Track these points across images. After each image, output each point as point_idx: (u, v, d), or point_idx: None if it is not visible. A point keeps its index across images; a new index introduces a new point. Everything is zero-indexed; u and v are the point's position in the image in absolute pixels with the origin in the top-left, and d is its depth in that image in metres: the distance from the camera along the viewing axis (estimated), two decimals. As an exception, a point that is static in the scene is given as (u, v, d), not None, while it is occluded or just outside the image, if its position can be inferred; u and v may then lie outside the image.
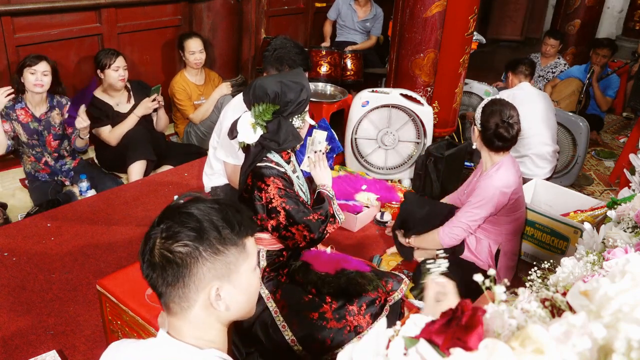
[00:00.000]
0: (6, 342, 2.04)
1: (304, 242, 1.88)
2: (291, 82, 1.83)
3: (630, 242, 1.39)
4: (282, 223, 1.84)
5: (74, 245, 2.65)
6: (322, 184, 2.03)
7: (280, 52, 2.45)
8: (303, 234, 1.85)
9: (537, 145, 3.32)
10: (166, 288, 1.01)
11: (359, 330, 1.85)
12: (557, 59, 5.08)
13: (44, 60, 3.00)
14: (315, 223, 1.86)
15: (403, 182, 3.55)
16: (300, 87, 1.84)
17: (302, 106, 1.87)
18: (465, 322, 0.63)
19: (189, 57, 3.84)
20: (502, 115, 2.26)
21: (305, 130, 1.98)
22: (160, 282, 1.01)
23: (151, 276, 1.02)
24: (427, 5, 3.22)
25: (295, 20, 5.25)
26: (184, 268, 0.98)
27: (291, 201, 1.84)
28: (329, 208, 1.93)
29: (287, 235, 1.87)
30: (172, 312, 1.03)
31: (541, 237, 2.71)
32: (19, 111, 3.06)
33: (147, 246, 1.02)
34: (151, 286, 1.04)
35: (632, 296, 0.61)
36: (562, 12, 6.07)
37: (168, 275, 0.99)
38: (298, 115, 1.89)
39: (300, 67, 2.46)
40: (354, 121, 3.40)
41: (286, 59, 2.43)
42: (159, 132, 3.75)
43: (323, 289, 1.90)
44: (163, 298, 1.03)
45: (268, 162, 1.88)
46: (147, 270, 1.03)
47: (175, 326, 1.04)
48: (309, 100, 1.90)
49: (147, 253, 1.01)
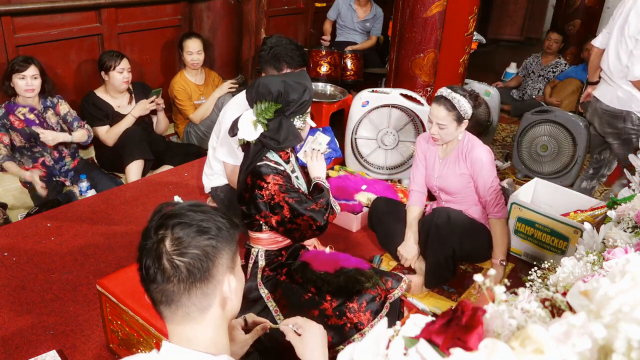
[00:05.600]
0: (6, 342, 2.04)
1: (310, 231, 1.91)
2: (295, 83, 1.84)
3: (630, 242, 1.39)
4: (287, 216, 1.86)
5: (74, 245, 2.65)
6: (317, 176, 2.06)
7: (276, 50, 2.44)
8: (309, 223, 1.88)
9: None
10: (188, 292, 0.98)
11: (359, 327, 1.85)
12: (558, 58, 5.09)
13: (32, 64, 2.97)
14: (319, 211, 1.89)
15: (403, 182, 3.55)
16: (304, 88, 1.85)
17: (304, 107, 1.89)
18: (465, 322, 0.64)
19: (187, 57, 3.84)
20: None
21: (306, 131, 1.99)
22: (180, 288, 0.98)
23: (164, 288, 0.98)
24: (427, 5, 3.22)
25: (295, 20, 5.25)
26: (209, 261, 0.99)
27: (293, 194, 1.86)
28: (329, 197, 1.97)
29: (293, 228, 1.89)
30: (189, 318, 1.00)
31: (541, 237, 2.71)
32: (13, 117, 3.03)
33: (152, 257, 0.98)
34: (162, 302, 0.99)
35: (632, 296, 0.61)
36: (562, 12, 6.08)
37: (194, 274, 0.98)
38: (299, 116, 1.90)
39: (299, 64, 2.46)
40: (354, 121, 3.40)
41: (283, 56, 2.43)
42: (158, 134, 3.76)
43: (323, 287, 1.91)
44: (180, 308, 1.00)
45: (267, 161, 1.89)
46: (160, 283, 0.98)
47: (186, 336, 1.02)
48: (311, 102, 1.92)
49: (155, 263, 0.98)
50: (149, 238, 0.99)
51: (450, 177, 2.54)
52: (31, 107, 3.07)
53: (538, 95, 5.05)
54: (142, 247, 1.00)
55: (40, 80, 3.03)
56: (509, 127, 4.84)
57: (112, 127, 3.43)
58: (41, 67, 3.05)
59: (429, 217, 2.53)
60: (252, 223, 1.95)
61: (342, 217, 2.98)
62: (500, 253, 2.51)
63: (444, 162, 2.55)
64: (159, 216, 1.02)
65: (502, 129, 4.77)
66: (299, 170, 2.09)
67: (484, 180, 2.45)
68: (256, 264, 2.01)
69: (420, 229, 2.56)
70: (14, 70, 2.94)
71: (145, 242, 1.00)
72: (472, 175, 2.49)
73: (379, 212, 2.72)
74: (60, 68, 3.55)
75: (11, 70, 2.95)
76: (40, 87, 3.04)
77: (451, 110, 2.33)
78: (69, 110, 3.27)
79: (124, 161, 3.35)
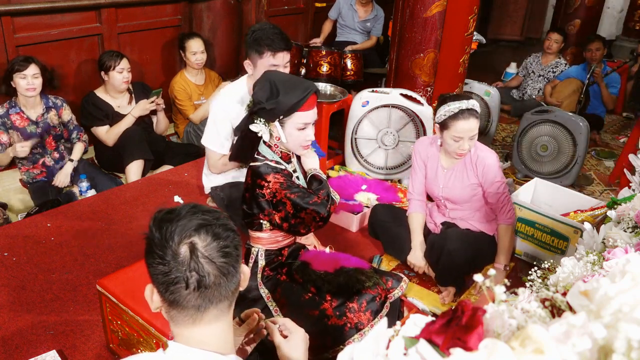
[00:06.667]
0: (6, 342, 2.04)
1: (314, 223, 1.90)
2: (274, 87, 1.79)
3: (630, 242, 1.39)
4: (290, 212, 1.86)
5: (74, 245, 2.65)
6: (312, 167, 2.03)
7: (258, 34, 2.45)
8: (312, 216, 1.88)
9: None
10: (225, 287, 1.01)
11: (359, 327, 1.85)
12: (558, 58, 5.08)
13: (32, 63, 2.97)
14: (321, 203, 1.89)
15: (403, 182, 3.55)
16: (275, 96, 1.78)
17: (266, 114, 1.82)
18: (465, 322, 0.64)
19: (190, 57, 3.84)
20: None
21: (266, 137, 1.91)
22: (224, 288, 1.00)
23: (212, 292, 0.99)
24: (427, 5, 3.22)
25: (295, 20, 5.25)
26: (237, 256, 1.04)
27: (294, 190, 1.86)
28: (328, 188, 1.96)
29: (297, 222, 1.88)
30: (219, 308, 1.02)
31: (541, 237, 2.70)
32: (14, 117, 3.03)
33: (199, 265, 0.97)
34: (198, 307, 0.99)
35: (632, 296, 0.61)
36: (562, 12, 6.07)
37: (231, 272, 1.01)
38: (261, 120, 1.85)
39: (280, 48, 2.44)
40: (354, 121, 3.40)
41: (264, 39, 2.43)
42: (158, 134, 3.76)
43: (323, 287, 1.91)
44: (216, 308, 1.01)
45: (267, 161, 1.88)
46: (210, 287, 0.98)
47: (198, 338, 1.02)
48: (277, 114, 1.81)
49: (198, 267, 0.97)
50: (175, 248, 0.97)
51: (458, 188, 2.49)
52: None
53: (538, 95, 5.05)
54: (175, 258, 0.97)
55: (41, 79, 3.03)
56: (509, 127, 4.85)
57: (112, 127, 3.43)
58: (42, 66, 3.05)
59: (439, 240, 2.46)
60: (252, 222, 1.95)
61: (342, 217, 2.98)
62: (506, 259, 2.49)
63: (449, 172, 2.50)
64: (171, 226, 0.99)
65: (502, 129, 4.77)
66: (301, 171, 2.08)
67: (496, 186, 2.42)
68: (256, 264, 2.01)
69: (430, 250, 2.49)
70: (15, 70, 2.94)
71: (176, 254, 0.97)
72: (481, 184, 2.45)
73: (379, 220, 2.70)
74: (60, 68, 3.54)
75: (12, 70, 2.95)
76: (41, 87, 3.04)
77: (478, 116, 2.31)
78: (71, 117, 3.29)
79: (124, 161, 3.35)
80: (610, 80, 4.80)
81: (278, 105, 1.79)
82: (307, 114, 1.85)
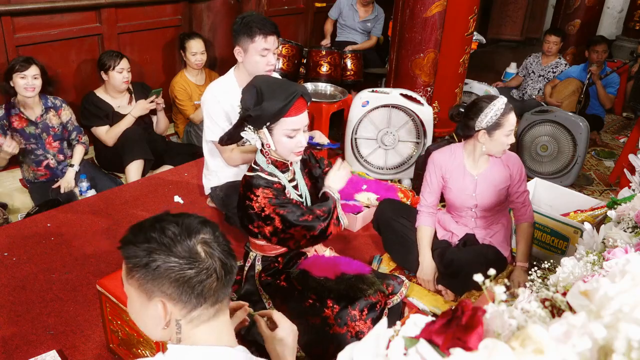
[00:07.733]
0: (6, 342, 2.04)
1: (304, 240, 1.87)
2: (258, 91, 1.74)
3: (630, 242, 1.39)
4: (279, 227, 1.82)
5: (74, 245, 2.65)
6: (330, 185, 1.97)
7: (248, 19, 2.45)
8: (302, 233, 1.84)
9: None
10: (234, 270, 1.09)
11: (360, 336, 1.84)
12: (558, 58, 5.08)
13: (33, 64, 2.97)
14: (312, 222, 1.83)
15: (403, 182, 3.55)
16: (260, 100, 1.73)
17: (254, 121, 1.77)
18: (465, 322, 0.63)
19: (191, 57, 3.85)
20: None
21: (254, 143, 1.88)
22: (233, 266, 1.08)
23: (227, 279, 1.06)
24: (427, 5, 3.22)
25: (295, 20, 5.25)
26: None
27: (284, 206, 1.81)
28: (332, 206, 1.91)
29: (287, 237, 1.85)
30: (227, 297, 1.08)
31: (541, 237, 2.70)
32: (13, 118, 3.03)
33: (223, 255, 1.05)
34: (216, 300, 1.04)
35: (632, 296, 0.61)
36: (562, 12, 6.07)
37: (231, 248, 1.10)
38: (250, 126, 1.81)
39: (271, 31, 2.43)
40: (354, 121, 3.40)
41: (256, 22, 2.42)
42: (158, 134, 3.76)
43: (323, 294, 1.88)
44: (225, 299, 1.08)
45: (260, 172, 1.85)
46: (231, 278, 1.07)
47: (218, 328, 1.06)
48: (262, 121, 1.75)
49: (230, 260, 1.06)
50: (192, 247, 1.02)
51: (490, 193, 2.39)
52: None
53: (538, 95, 5.05)
54: (197, 257, 1.01)
55: (41, 80, 3.03)
56: (509, 127, 4.84)
57: (112, 127, 3.43)
58: (42, 67, 3.05)
59: (457, 259, 2.34)
60: (248, 229, 1.92)
61: (342, 217, 2.97)
62: (526, 258, 2.41)
63: (480, 178, 2.39)
64: (180, 226, 1.04)
65: (502, 129, 4.76)
66: (302, 178, 2.01)
67: (525, 185, 2.40)
68: (253, 267, 2.01)
69: (447, 266, 2.39)
70: (15, 70, 2.94)
71: (196, 252, 1.02)
72: (508, 186, 2.38)
73: (386, 216, 2.60)
74: (60, 68, 3.55)
75: (12, 70, 2.95)
76: (40, 87, 3.04)
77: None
78: (71, 117, 3.28)
79: (124, 161, 3.35)
80: (610, 81, 4.80)
81: (263, 111, 1.72)
82: (294, 120, 1.76)
